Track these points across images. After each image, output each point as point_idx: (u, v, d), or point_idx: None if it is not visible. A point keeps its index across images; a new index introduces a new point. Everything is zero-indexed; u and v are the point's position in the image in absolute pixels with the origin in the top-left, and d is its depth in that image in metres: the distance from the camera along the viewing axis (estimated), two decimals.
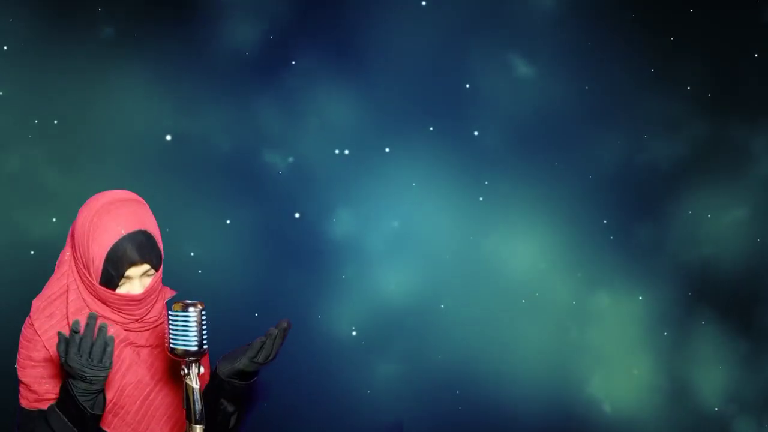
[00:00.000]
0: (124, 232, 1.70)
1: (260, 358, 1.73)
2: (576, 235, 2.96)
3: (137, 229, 1.71)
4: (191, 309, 1.58)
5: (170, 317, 1.58)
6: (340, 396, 2.88)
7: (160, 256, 1.78)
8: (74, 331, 1.56)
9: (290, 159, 2.87)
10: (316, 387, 2.86)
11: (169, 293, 1.91)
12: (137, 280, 1.75)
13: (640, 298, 2.96)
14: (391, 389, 2.91)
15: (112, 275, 1.71)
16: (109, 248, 1.69)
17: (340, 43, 2.90)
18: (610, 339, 2.97)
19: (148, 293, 1.77)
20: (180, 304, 1.59)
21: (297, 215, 2.85)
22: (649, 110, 2.94)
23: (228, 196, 2.81)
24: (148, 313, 1.82)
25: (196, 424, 1.60)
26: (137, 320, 1.81)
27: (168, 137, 2.78)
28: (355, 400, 2.89)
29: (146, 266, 1.75)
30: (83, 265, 1.73)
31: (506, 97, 2.92)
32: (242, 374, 1.79)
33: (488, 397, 2.90)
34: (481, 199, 2.96)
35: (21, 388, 1.79)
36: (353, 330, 2.90)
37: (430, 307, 2.94)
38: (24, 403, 1.79)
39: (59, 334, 1.57)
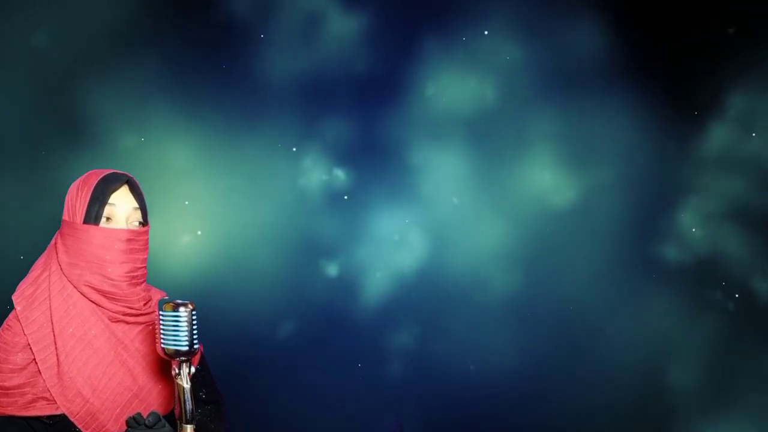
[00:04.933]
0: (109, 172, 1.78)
1: None
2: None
3: (124, 174, 1.79)
4: (182, 309, 1.60)
5: (161, 317, 1.61)
6: None
7: (146, 211, 1.80)
8: (135, 421, 1.63)
9: None
10: None
11: (157, 293, 1.88)
12: (123, 221, 1.76)
13: None
14: None
15: (97, 202, 1.73)
16: (93, 186, 1.74)
17: None
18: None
19: (135, 235, 1.76)
20: (170, 304, 1.61)
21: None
22: None
23: None
24: (135, 288, 1.76)
25: (187, 423, 1.60)
26: (126, 303, 1.76)
27: None
28: None
29: (132, 201, 1.77)
30: (69, 218, 1.75)
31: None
32: None
33: None
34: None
35: None
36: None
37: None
38: None
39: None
